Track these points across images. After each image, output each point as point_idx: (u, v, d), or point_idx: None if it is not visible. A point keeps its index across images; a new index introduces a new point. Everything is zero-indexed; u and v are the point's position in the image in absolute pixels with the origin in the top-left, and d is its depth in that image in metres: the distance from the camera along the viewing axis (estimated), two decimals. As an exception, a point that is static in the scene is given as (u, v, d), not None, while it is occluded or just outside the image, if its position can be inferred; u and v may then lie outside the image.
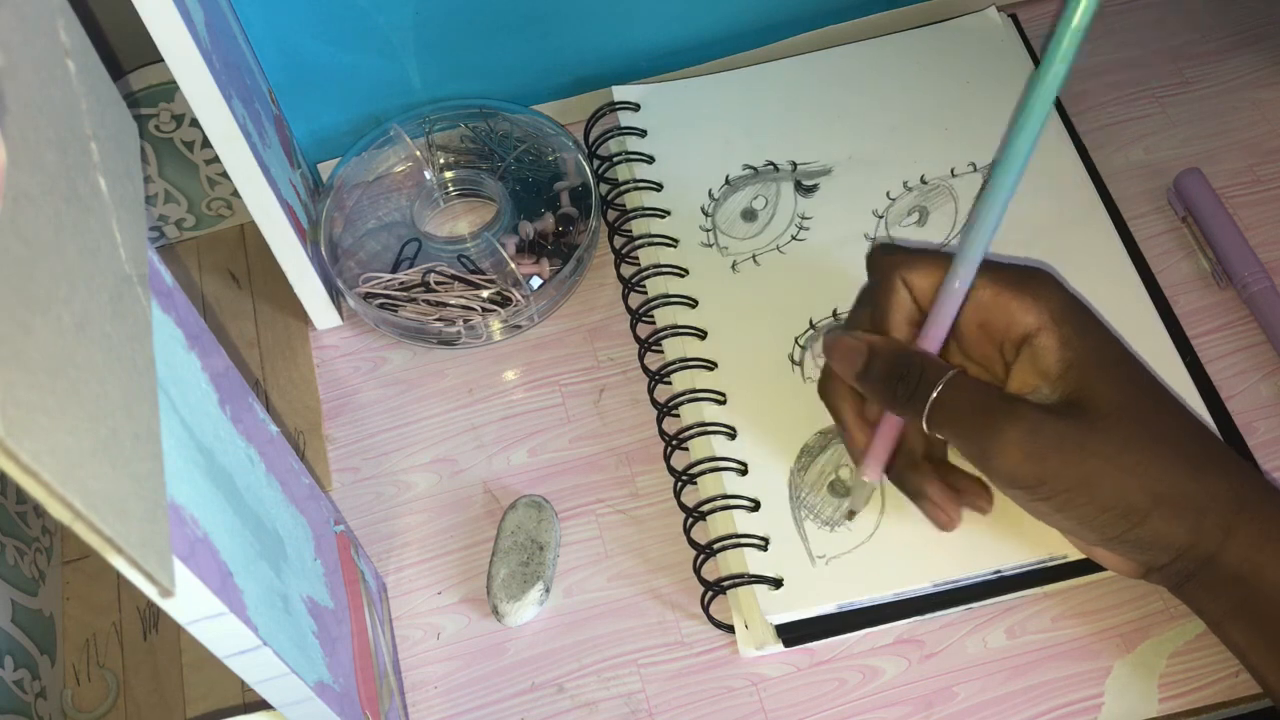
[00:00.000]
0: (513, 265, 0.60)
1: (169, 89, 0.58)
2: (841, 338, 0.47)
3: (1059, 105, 0.63)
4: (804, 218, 0.60)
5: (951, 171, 0.61)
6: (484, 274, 0.60)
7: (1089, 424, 0.42)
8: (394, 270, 0.61)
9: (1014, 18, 0.67)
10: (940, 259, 0.46)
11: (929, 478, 0.48)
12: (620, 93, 0.65)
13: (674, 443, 0.55)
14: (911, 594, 0.50)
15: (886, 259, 0.47)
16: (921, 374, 0.44)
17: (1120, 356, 0.45)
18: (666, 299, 0.58)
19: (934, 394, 0.44)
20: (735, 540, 0.51)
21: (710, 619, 0.51)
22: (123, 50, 0.59)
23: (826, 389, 0.50)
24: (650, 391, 0.57)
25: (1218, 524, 0.42)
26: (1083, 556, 0.49)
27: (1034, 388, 0.44)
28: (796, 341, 0.57)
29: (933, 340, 0.45)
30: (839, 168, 0.62)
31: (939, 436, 0.45)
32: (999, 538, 0.51)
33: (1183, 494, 0.42)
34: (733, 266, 0.59)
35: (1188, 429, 0.44)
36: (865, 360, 0.46)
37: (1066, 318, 0.44)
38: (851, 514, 0.51)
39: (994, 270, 0.45)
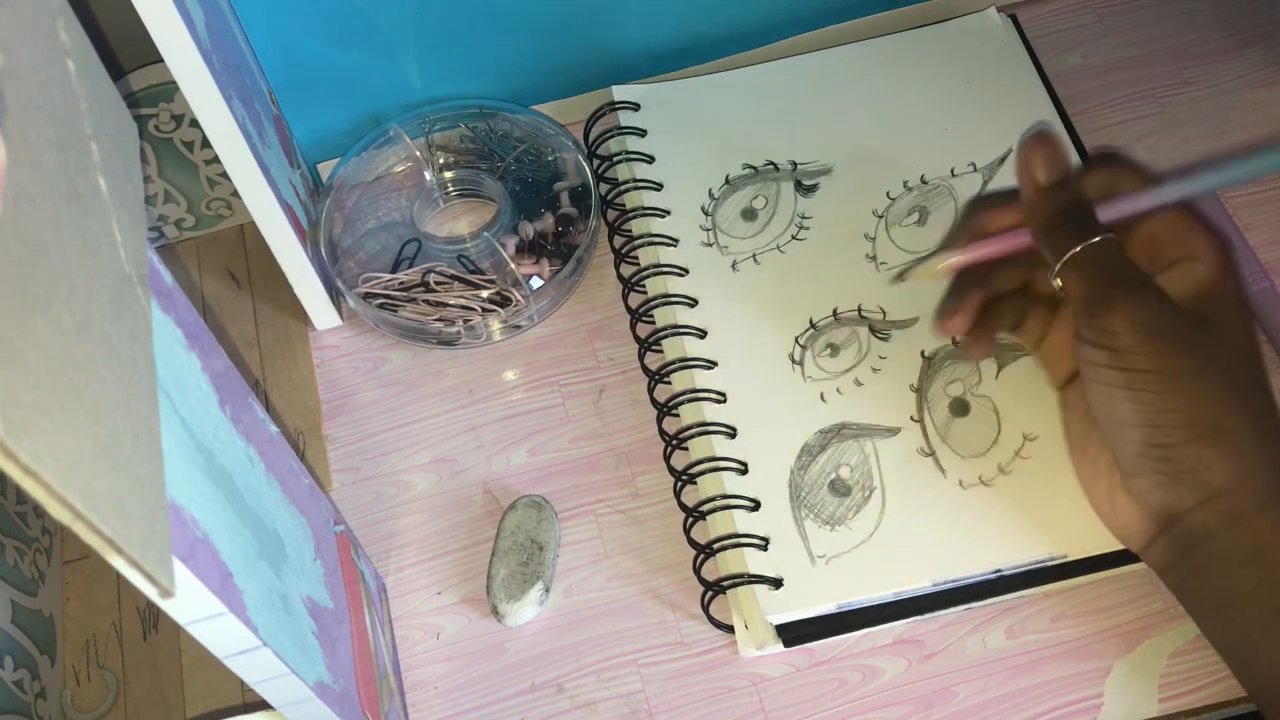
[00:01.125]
0: (513, 265, 0.60)
1: (169, 89, 0.58)
2: (1055, 140, 0.47)
3: (1059, 106, 0.63)
4: (804, 217, 0.60)
5: (951, 171, 0.61)
6: (484, 274, 0.60)
7: (1210, 333, 0.43)
8: (394, 270, 0.61)
9: (1014, 18, 0.67)
10: (1155, 181, 0.47)
11: (977, 295, 0.50)
12: (620, 93, 0.65)
13: (674, 442, 0.55)
14: (911, 594, 0.50)
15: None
16: (1087, 220, 0.45)
17: (1253, 330, 0.46)
18: (666, 299, 0.58)
19: (1090, 241, 0.45)
20: (735, 540, 0.51)
21: (710, 619, 0.51)
22: (123, 50, 0.59)
23: (965, 272, 0.51)
24: (650, 391, 0.57)
25: (1266, 487, 0.42)
26: (1083, 556, 0.49)
27: None
28: (796, 341, 0.57)
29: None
30: (839, 168, 0.62)
31: (1058, 284, 0.45)
32: (999, 537, 0.51)
33: (1248, 443, 0.43)
34: (733, 266, 0.59)
35: (1274, 404, 0.45)
36: (1059, 179, 0.47)
37: (1233, 272, 0.45)
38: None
39: (1192, 208, 0.46)
